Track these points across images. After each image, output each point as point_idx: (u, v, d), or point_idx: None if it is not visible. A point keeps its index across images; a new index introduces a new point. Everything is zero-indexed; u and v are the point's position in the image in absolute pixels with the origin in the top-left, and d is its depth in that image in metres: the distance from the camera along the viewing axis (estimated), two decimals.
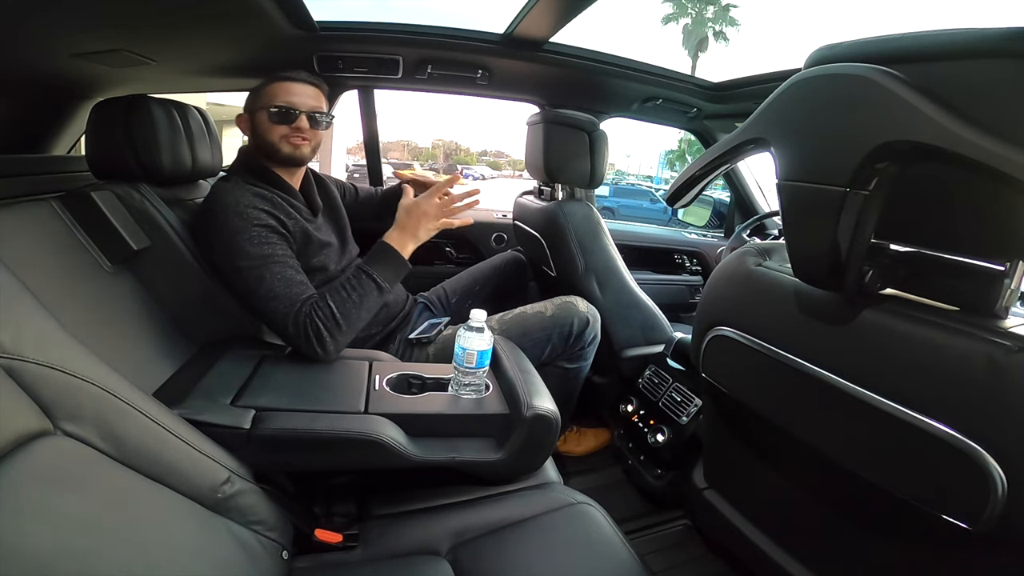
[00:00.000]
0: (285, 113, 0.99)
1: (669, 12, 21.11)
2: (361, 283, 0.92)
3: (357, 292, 0.91)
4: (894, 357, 0.55)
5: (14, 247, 0.73)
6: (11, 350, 0.46)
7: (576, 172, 1.36)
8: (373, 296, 0.93)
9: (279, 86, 1.00)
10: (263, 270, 0.89)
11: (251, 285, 0.89)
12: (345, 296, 0.90)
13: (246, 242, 0.89)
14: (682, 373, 1.25)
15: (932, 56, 0.48)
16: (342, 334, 0.89)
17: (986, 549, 0.53)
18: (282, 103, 0.99)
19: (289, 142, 1.00)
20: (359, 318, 0.92)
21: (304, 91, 1.02)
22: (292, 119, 0.99)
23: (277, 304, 0.88)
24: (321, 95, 1.05)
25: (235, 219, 0.90)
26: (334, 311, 0.88)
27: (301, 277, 0.93)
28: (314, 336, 0.87)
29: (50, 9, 0.71)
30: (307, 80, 1.03)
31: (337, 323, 0.88)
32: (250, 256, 0.89)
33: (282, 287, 0.89)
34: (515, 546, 0.71)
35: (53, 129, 1.28)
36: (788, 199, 0.60)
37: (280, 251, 0.92)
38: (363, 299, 0.92)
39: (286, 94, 1.00)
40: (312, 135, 1.03)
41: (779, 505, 0.82)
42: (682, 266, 2.18)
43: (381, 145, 1.82)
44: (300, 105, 1.00)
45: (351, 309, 0.90)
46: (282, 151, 1.00)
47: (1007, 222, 0.52)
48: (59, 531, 0.42)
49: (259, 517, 0.65)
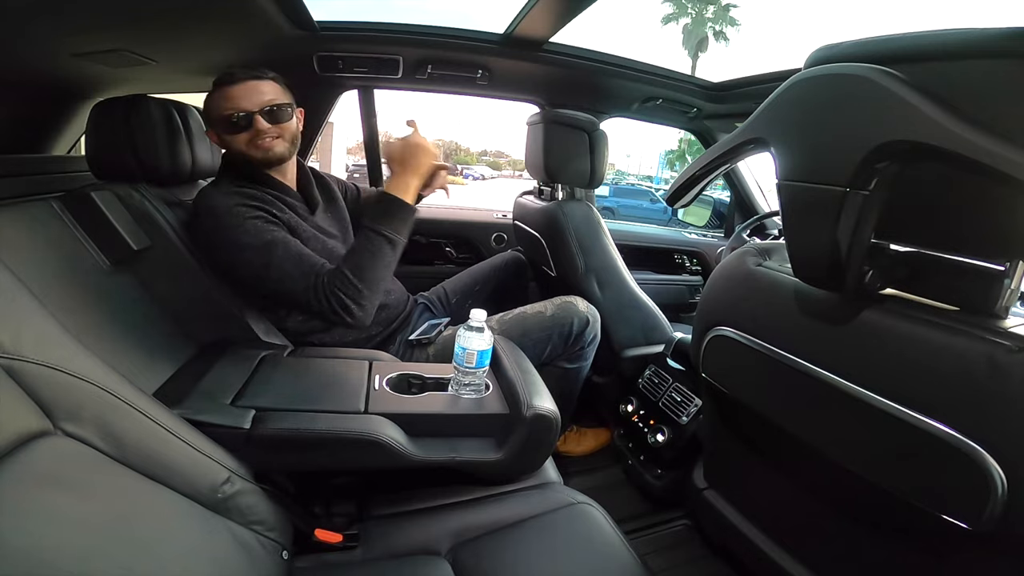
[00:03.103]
0: (236, 121, 0.93)
1: (669, 12, 21.12)
2: (371, 242, 0.91)
3: (369, 251, 0.91)
4: (894, 357, 0.55)
5: (14, 247, 0.73)
6: (11, 350, 0.46)
7: (576, 172, 1.36)
8: (387, 252, 0.92)
9: (220, 94, 0.94)
10: (269, 256, 0.89)
11: (260, 273, 0.89)
12: (358, 260, 0.91)
13: (244, 235, 0.89)
14: (682, 373, 1.25)
15: (932, 56, 0.48)
16: (365, 297, 0.90)
17: (986, 549, 0.53)
18: (228, 112, 0.93)
19: (256, 146, 0.95)
20: (379, 277, 0.92)
21: (246, 91, 0.93)
22: (247, 124, 0.93)
23: (293, 284, 0.89)
24: (273, 84, 0.96)
25: (227, 218, 0.90)
26: (349, 278, 0.89)
27: (307, 251, 0.92)
28: (339, 306, 0.88)
29: (50, 9, 0.71)
30: (246, 77, 0.94)
31: (357, 288, 0.89)
32: (252, 247, 0.89)
33: (292, 266, 0.89)
34: (515, 546, 0.71)
35: (53, 129, 1.28)
36: (788, 199, 0.60)
37: (280, 235, 0.92)
38: (376, 258, 0.91)
39: (227, 101, 0.93)
40: (280, 130, 0.96)
41: (779, 505, 0.82)
42: (682, 266, 2.18)
43: (381, 145, 1.82)
44: (249, 107, 0.93)
45: (367, 271, 0.90)
46: (255, 157, 0.96)
47: (1007, 222, 0.52)
48: (59, 531, 0.42)
49: (259, 517, 0.65)
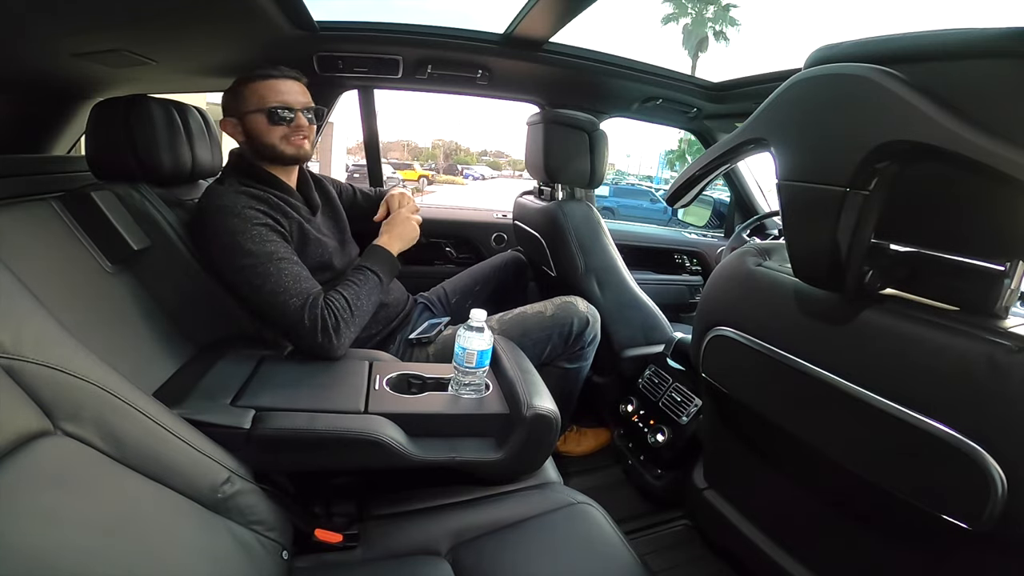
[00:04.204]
0: (281, 113, 0.98)
1: (669, 12, 21.11)
2: (366, 277, 0.98)
3: (366, 285, 0.97)
4: (894, 357, 0.55)
5: (14, 247, 0.73)
6: (11, 350, 0.46)
7: (576, 172, 1.36)
8: (376, 290, 0.99)
9: (267, 85, 0.98)
10: (268, 267, 0.89)
11: (256, 283, 0.89)
12: (356, 289, 0.95)
13: (247, 241, 0.89)
14: (682, 373, 1.25)
15: (932, 56, 0.48)
16: (354, 325, 0.93)
17: (986, 549, 0.53)
18: (277, 103, 0.97)
19: (291, 142, 1.00)
20: (366, 311, 0.96)
21: (294, 87, 1.00)
22: (290, 119, 0.98)
23: (288, 299, 0.88)
24: (306, 89, 1.03)
25: (232, 220, 0.90)
26: (349, 302, 0.92)
27: (307, 273, 0.93)
28: (332, 328, 0.88)
29: (50, 9, 0.71)
30: (292, 76, 1.01)
31: (352, 313, 0.92)
32: (253, 254, 0.89)
33: (291, 282, 0.89)
34: (515, 546, 0.71)
35: (53, 129, 1.28)
36: (788, 199, 0.60)
37: (283, 249, 0.92)
38: (370, 292, 0.97)
39: (277, 93, 0.98)
40: (311, 131, 1.03)
41: (779, 505, 0.82)
42: (682, 266, 2.18)
43: (381, 145, 1.82)
44: (295, 103, 0.99)
45: (361, 301, 0.94)
46: (285, 152, 1.00)
47: (1007, 222, 0.52)
48: (59, 531, 0.42)
49: (259, 517, 0.65)
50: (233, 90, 1.00)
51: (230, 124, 1.02)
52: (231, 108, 1.01)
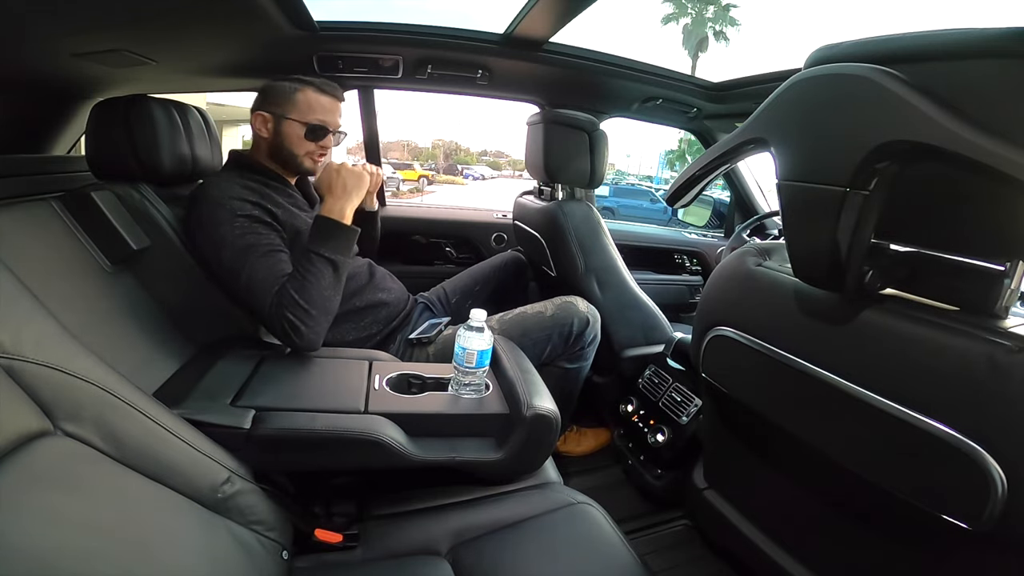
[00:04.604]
0: (322, 132, 1.00)
1: (669, 12, 21.10)
2: (312, 263, 0.89)
3: (312, 274, 0.88)
4: (894, 357, 0.55)
5: (14, 247, 0.73)
6: (11, 350, 0.46)
7: (576, 172, 1.36)
8: (328, 274, 0.89)
9: (319, 101, 1.00)
10: (242, 263, 0.89)
11: (230, 278, 0.90)
12: (301, 281, 0.87)
13: (228, 232, 0.90)
14: (682, 373, 1.25)
15: (932, 56, 0.48)
16: (313, 319, 0.87)
17: (986, 549, 0.53)
18: (321, 122, 1.00)
19: (314, 160, 1.03)
20: (325, 298, 0.89)
21: (338, 109, 1.03)
22: (323, 137, 1.01)
23: (254, 299, 0.89)
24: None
25: (219, 211, 0.91)
26: (295, 298, 0.86)
27: (279, 268, 0.90)
28: (289, 327, 0.86)
29: (50, 9, 0.71)
30: (341, 97, 1.04)
31: (304, 308, 0.86)
32: (233, 247, 0.89)
33: (257, 281, 0.89)
34: (515, 546, 0.71)
35: (53, 129, 1.28)
36: (788, 199, 0.60)
37: (264, 241, 0.91)
38: (319, 279, 0.88)
39: (326, 112, 1.01)
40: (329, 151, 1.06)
41: (779, 505, 0.82)
42: (682, 266, 2.18)
43: (381, 145, 1.82)
44: (333, 125, 1.02)
45: (312, 292, 0.87)
46: (304, 166, 1.03)
47: (1007, 222, 0.52)
48: (59, 531, 0.42)
49: (259, 517, 0.65)
50: (281, 89, 1.00)
51: (261, 118, 1.01)
52: (272, 104, 1.00)
